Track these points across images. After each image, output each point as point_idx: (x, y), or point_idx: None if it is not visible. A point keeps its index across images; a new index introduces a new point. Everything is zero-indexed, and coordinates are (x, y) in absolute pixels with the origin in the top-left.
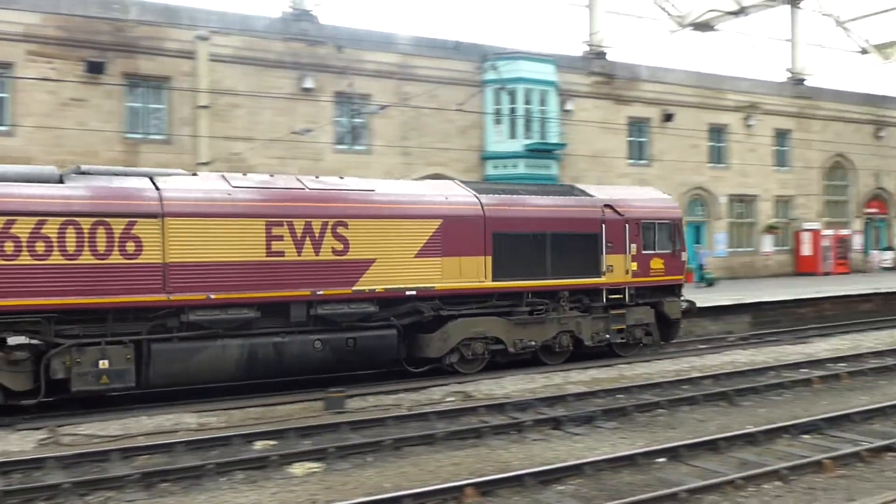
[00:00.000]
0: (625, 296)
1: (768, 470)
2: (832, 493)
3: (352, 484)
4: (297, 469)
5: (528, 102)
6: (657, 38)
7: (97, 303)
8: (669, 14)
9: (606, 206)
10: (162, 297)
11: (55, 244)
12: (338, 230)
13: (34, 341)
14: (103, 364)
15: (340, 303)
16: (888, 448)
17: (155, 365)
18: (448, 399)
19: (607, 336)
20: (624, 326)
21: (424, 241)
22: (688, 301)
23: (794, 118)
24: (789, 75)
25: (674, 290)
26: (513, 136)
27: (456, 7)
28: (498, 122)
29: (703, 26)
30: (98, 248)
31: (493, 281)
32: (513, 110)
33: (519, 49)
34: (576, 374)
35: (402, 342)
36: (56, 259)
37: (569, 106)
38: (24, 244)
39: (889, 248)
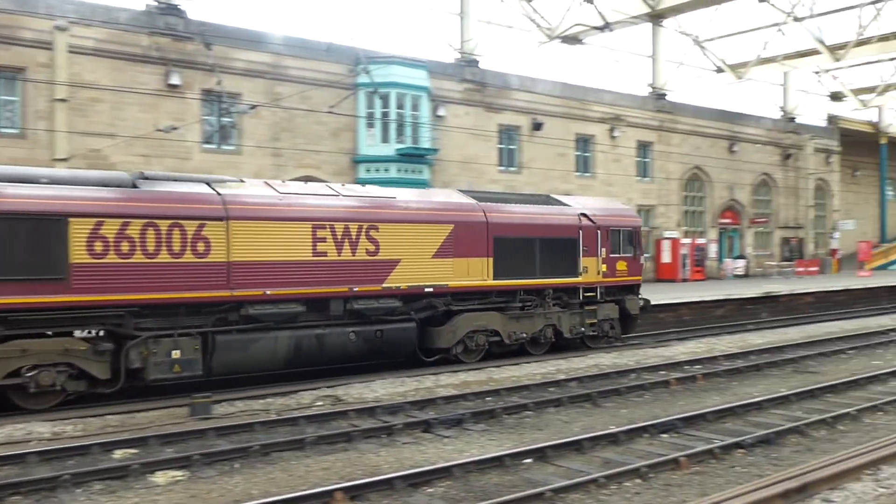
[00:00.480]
0: (597, 294)
1: (629, 468)
2: (687, 488)
3: (217, 491)
4: (160, 478)
5: (400, 107)
6: (527, 49)
7: (172, 298)
8: (539, 26)
9: (582, 214)
10: (226, 292)
11: (137, 244)
12: (370, 233)
13: (99, 333)
14: (175, 354)
15: (371, 298)
16: (738, 445)
17: (218, 355)
18: (318, 403)
19: (582, 329)
20: (595, 321)
21: (440, 244)
22: (643, 299)
23: (655, 131)
24: (651, 90)
25: (633, 289)
26: (385, 140)
27: (329, 8)
28: (370, 125)
29: (571, 39)
30: (173, 248)
31: (493, 280)
32: (385, 114)
33: (392, 53)
34: (446, 378)
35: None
36: (138, 258)
37: (441, 112)
38: (112, 244)
39: (741, 257)
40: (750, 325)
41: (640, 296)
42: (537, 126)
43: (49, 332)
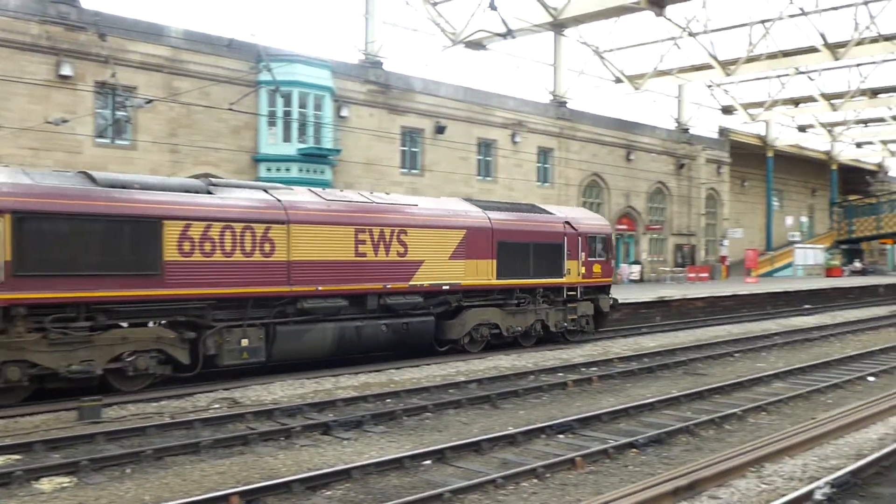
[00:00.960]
0: (577, 293)
1: (526, 469)
2: (582, 488)
3: (107, 498)
4: (46, 485)
5: (303, 106)
6: (432, 53)
7: (244, 293)
8: (443, 31)
9: (566, 222)
10: (287, 288)
11: (217, 244)
12: (401, 237)
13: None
14: (244, 342)
15: (400, 294)
16: (631, 445)
17: (278, 343)
18: (214, 406)
19: (565, 324)
20: (575, 317)
21: (455, 247)
22: (612, 298)
23: (556, 138)
24: (552, 97)
25: (606, 289)
26: (287, 139)
27: (231, 3)
28: (272, 124)
29: (475, 45)
30: (245, 248)
31: (496, 279)
32: (287, 113)
33: (296, 52)
34: (346, 379)
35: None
36: (218, 257)
37: (344, 112)
38: (197, 244)
39: (636, 262)
40: (644, 328)
41: (609, 295)
42: (440, 129)
43: (149, 323)
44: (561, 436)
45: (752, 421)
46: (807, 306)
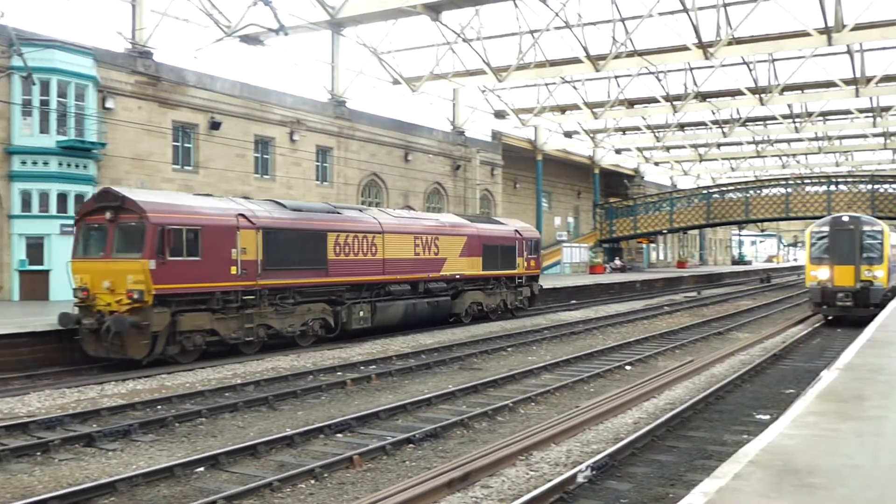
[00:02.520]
0: (523, 280)
1: (304, 470)
2: (360, 485)
3: None
4: None
5: (62, 96)
6: (204, 45)
7: (363, 280)
8: (217, 22)
9: (516, 230)
10: (382, 276)
11: (351, 248)
12: (436, 241)
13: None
14: (361, 313)
15: (434, 281)
16: (409, 441)
17: (377, 314)
18: None
19: (516, 303)
20: (522, 297)
21: (461, 248)
22: (540, 285)
23: (335, 137)
24: (331, 96)
25: (537, 278)
26: (44, 130)
27: None
28: (27, 114)
29: (252, 39)
30: (363, 250)
31: (482, 271)
32: (45, 103)
33: (53, 37)
34: (112, 387)
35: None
36: (351, 256)
37: (110, 104)
38: (342, 248)
39: None
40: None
41: (538, 283)
42: (215, 125)
43: (319, 300)
44: (339, 435)
45: (522, 412)
46: (573, 301)
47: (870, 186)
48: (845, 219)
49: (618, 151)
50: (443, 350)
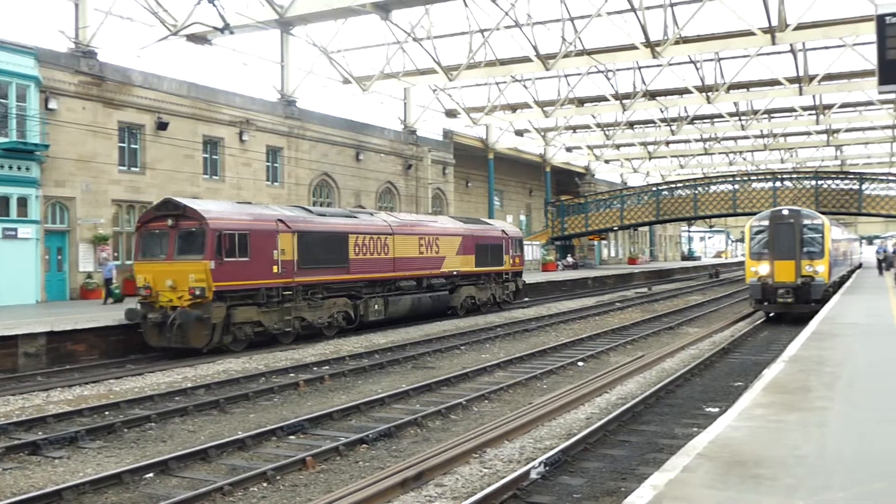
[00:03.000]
0: (509, 276)
1: (255, 473)
2: (313, 487)
3: None
4: None
5: (3, 97)
6: (149, 44)
7: (378, 276)
8: (162, 21)
9: (502, 230)
10: (393, 273)
11: (367, 248)
12: (437, 241)
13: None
14: (376, 307)
15: (435, 277)
16: (362, 441)
17: (389, 307)
18: None
19: (504, 297)
20: (508, 291)
21: (457, 247)
22: (523, 280)
23: (285, 137)
24: (281, 96)
25: (520, 274)
26: None
27: None
28: None
29: (199, 39)
30: (378, 250)
31: (475, 267)
32: None
33: None
34: (58, 394)
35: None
36: (368, 255)
37: (53, 105)
38: (360, 248)
39: None
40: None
41: (522, 278)
42: (162, 125)
43: (342, 294)
44: (292, 437)
45: (476, 410)
46: (526, 299)
47: (814, 182)
48: (785, 212)
49: (569, 149)
50: (396, 349)
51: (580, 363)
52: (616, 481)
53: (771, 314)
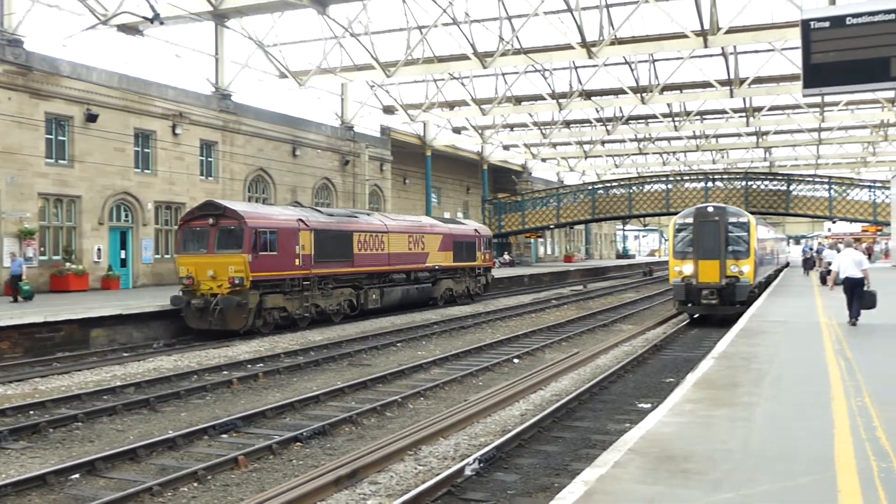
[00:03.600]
0: (481, 271)
1: (186, 473)
2: (245, 486)
3: None
4: None
5: None
6: (78, 33)
7: (375, 269)
8: (92, 10)
9: (475, 229)
10: (388, 267)
11: (368, 244)
12: (422, 239)
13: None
14: (373, 296)
15: (421, 271)
16: (296, 439)
17: (384, 297)
18: None
19: (476, 289)
20: (479, 285)
21: (439, 244)
22: (492, 275)
23: (220, 131)
24: (215, 89)
25: (489, 269)
26: None
27: None
28: None
29: (131, 29)
30: (375, 246)
31: (453, 262)
32: None
33: None
34: None
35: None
36: (368, 251)
37: None
38: (362, 244)
39: None
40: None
41: (491, 273)
42: (92, 117)
43: (347, 285)
44: (224, 435)
45: (411, 407)
46: (492, 292)
47: (744, 183)
48: (710, 209)
49: (506, 147)
50: (332, 346)
51: (516, 360)
52: (549, 477)
53: (695, 316)
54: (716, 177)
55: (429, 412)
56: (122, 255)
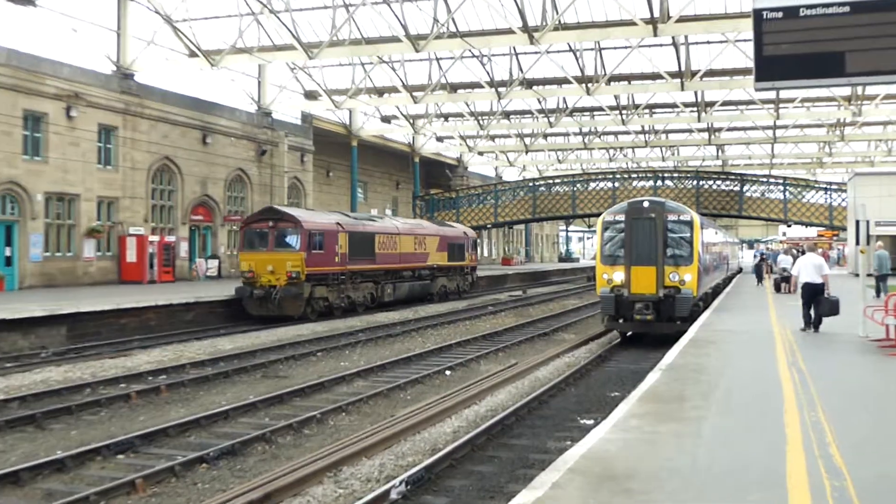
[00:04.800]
0: (468, 269)
1: (76, 498)
2: None
3: None
4: None
5: None
6: None
7: (390, 267)
8: None
9: (464, 232)
10: (399, 265)
11: (384, 244)
12: (424, 240)
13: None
14: (388, 291)
15: (422, 269)
16: (202, 459)
17: (396, 292)
18: None
19: (465, 286)
20: (468, 283)
21: (437, 245)
22: (477, 274)
23: (120, 115)
24: (116, 68)
25: (475, 268)
26: None
27: None
28: None
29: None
30: (391, 245)
31: (448, 262)
32: None
33: None
34: None
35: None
36: (384, 250)
37: None
38: (379, 244)
39: (214, 257)
40: (222, 329)
41: (476, 272)
42: None
43: (370, 280)
44: (121, 456)
45: (332, 423)
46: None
47: (695, 182)
48: (646, 204)
49: (440, 139)
50: (244, 356)
51: (448, 372)
52: (483, 500)
53: (628, 334)
54: (665, 175)
55: (351, 429)
56: (7, 253)
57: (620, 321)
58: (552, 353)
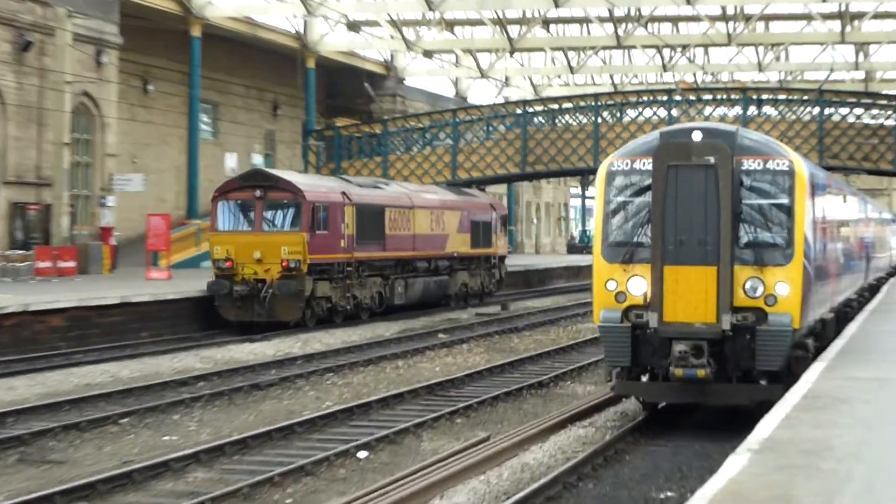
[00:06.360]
0: (496, 261)
1: None
2: None
3: None
4: None
5: None
6: None
7: (403, 255)
8: None
9: (490, 203)
10: (413, 252)
11: (399, 223)
12: (442, 217)
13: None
14: (399, 289)
15: (441, 258)
16: None
17: (408, 291)
18: None
19: (490, 285)
20: (494, 279)
21: (458, 224)
22: (506, 267)
23: None
24: None
25: (504, 258)
26: None
27: None
28: None
29: None
30: (403, 225)
31: (471, 249)
32: None
33: None
34: None
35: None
36: (398, 230)
37: None
38: (392, 223)
39: None
40: None
41: (504, 263)
42: None
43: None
44: None
45: None
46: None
47: (817, 109)
48: (696, 136)
49: (353, 26)
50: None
51: (361, 453)
52: None
53: (659, 406)
54: (765, 96)
55: None
56: None
57: (643, 380)
58: (553, 420)
